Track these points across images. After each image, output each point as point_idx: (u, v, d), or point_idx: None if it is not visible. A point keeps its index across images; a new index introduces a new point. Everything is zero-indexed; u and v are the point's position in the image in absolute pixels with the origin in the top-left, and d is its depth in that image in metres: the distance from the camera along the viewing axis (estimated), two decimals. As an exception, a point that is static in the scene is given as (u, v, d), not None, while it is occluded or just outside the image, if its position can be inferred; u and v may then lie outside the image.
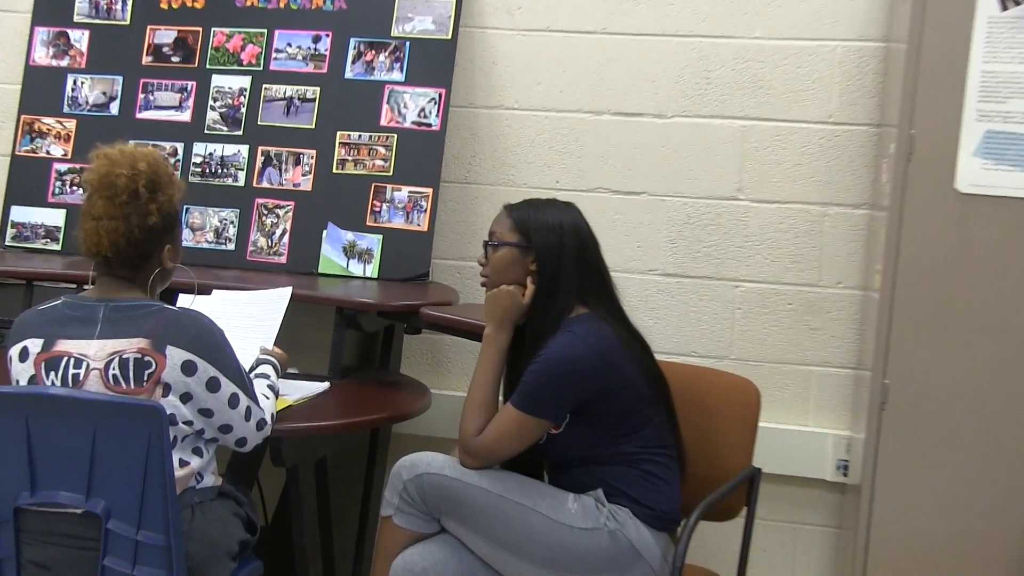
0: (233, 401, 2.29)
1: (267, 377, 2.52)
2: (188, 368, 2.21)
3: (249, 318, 2.79)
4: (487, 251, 2.57)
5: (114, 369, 2.19)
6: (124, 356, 2.19)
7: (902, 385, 2.72)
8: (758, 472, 2.69)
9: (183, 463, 2.26)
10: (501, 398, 2.53)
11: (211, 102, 3.49)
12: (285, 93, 3.45)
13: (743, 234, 3.32)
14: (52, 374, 2.21)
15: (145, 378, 2.19)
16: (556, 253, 2.48)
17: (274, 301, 2.82)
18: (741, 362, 3.34)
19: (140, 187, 2.26)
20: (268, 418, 2.39)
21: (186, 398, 2.22)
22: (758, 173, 3.31)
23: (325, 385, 2.86)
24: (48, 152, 3.55)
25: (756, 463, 2.70)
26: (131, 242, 2.26)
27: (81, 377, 2.20)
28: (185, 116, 3.50)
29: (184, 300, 2.76)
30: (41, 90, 3.59)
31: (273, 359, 2.62)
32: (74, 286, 3.01)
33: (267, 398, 2.44)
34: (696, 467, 2.63)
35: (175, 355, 2.20)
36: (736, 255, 3.34)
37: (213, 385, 2.24)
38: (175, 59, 3.53)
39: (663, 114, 3.36)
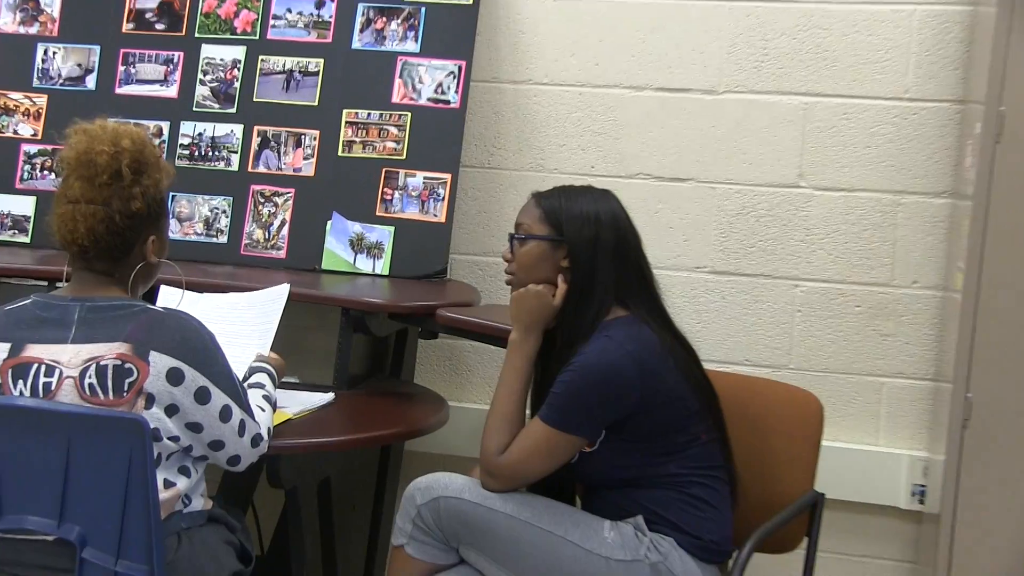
0: (225, 414, 2.28)
1: (262, 387, 2.52)
2: (174, 376, 2.21)
3: (241, 322, 2.79)
4: (513, 245, 2.56)
5: (90, 377, 2.19)
6: (102, 363, 2.19)
7: (987, 399, 2.69)
8: (821, 498, 2.68)
9: (168, 484, 2.26)
10: (528, 412, 2.52)
11: (200, 75, 3.49)
12: (284, 65, 3.45)
13: (804, 226, 3.31)
14: (20, 383, 2.21)
15: (125, 388, 2.19)
16: (591, 248, 2.48)
17: (270, 301, 2.82)
18: (801, 372, 3.33)
19: (123, 167, 2.25)
20: (264, 433, 2.39)
21: (172, 410, 2.22)
22: (822, 157, 3.29)
23: (329, 396, 2.86)
24: (16, 132, 3.57)
25: (819, 487, 2.69)
26: (111, 229, 2.25)
27: (53, 386, 2.20)
28: (171, 91, 3.51)
29: (166, 297, 2.76)
30: (7, 61, 3.60)
31: (269, 366, 2.61)
32: (45, 283, 3.02)
33: (263, 410, 2.44)
34: (750, 491, 2.61)
35: (159, 362, 2.20)
36: (796, 250, 3.32)
37: (202, 396, 2.24)
38: (159, 26, 3.54)
39: (713, 90, 3.35)
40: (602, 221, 2.50)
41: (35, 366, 2.21)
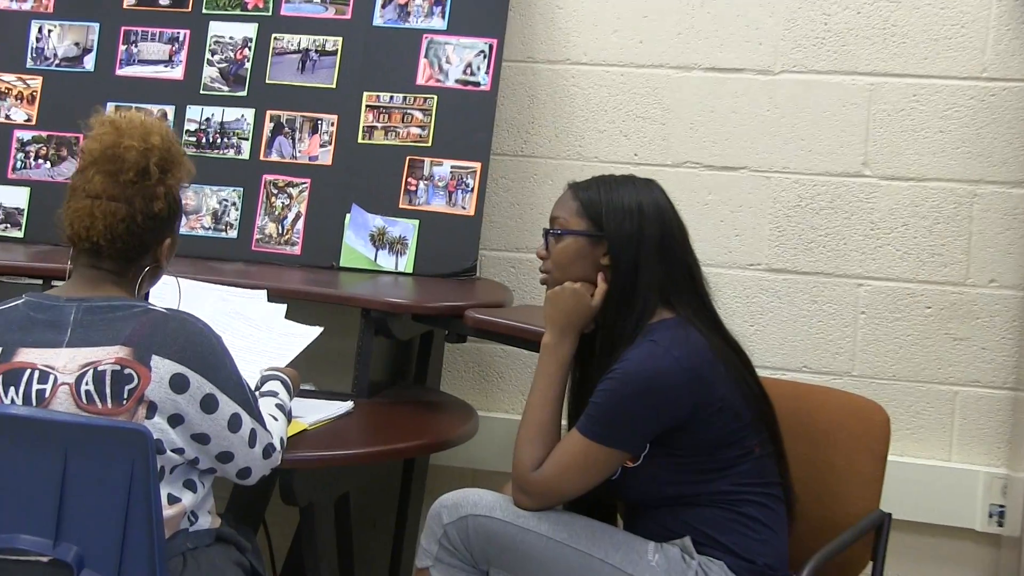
0: (234, 423, 2.29)
1: (275, 395, 2.53)
2: (178, 383, 2.21)
3: (253, 339, 2.80)
4: (548, 241, 2.56)
5: (87, 384, 2.20)
6: (99, 368, 2.20)
7: (1072, 410, 2.67)
8: (887, 518, 2.66)
9: (172, 500, 2.27)
10: (565, 422, 2.52)
11: (208, 55, 3.51)
12: (299, 44, 3.46)
13: (869, 220, 3.30)
14: (12, 390, 2.22)
15: (125, 395, 2.19)
16: (634, 244, 2.47)
17: (294, 335, 2.83)
18: (865, 380, 3.32)
19: (151, 164, 2.27)
20: (277, 443, 2.40)
21: (176, 420, 2.23)
22: (889, 143, 3.28)
23: (348, 405, 2.86)
24: (8, 117, 3.59)
25: (885, 507, 2.67)
26: (131, 230, 2.26)
27: (47, 394, 2.21)
28: (176, 73, 3.52)
29: (167, 293, 2.76)
30: None
31: (283, 375, 2.62)
32: (40, 282, 3.04)
33: (275, 420, 2.45)
34: (808, 510, 2.60)
35: (162, 367, 2.20)
36: (860, 246, 3.31)
37: (209, 404, 2.25)
38: (164, 2, 3.56)
39: (769, 69, 3.34)
40: (646, 214, 2.49)
41: (28, 372, 2.22)
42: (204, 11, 3.52)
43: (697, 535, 2.42)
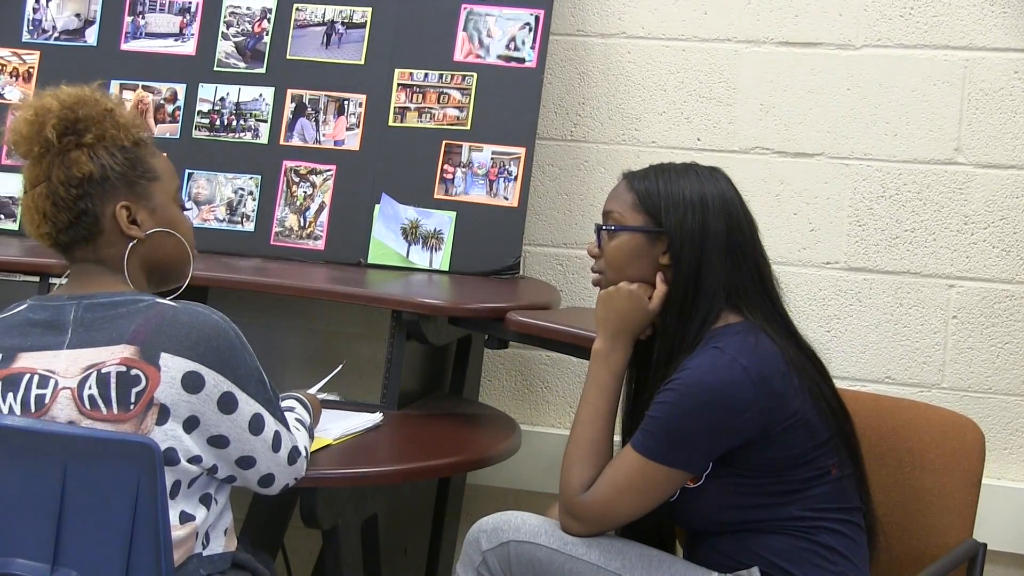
0: (256, 424, 2.29)
1: (292, 410, 2.54)
2: (192, 382, 2.22)
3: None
4: (600, 237, 2.56)
5: (90, 388, 2.21)
6: (103, 370, 2.21)
7: None
8: (982, 549, 2.64)
9: (185, 518, 2.27)
10: (618, 439, 2.52)
11: (223, 28, 3.53)
12: (324, 16, 3.48)
13: (962, 213, 3.29)
14: (11, 396, 2.24)
15: (132, 399, 2.20)
16: (697, 241, 2.47)
17: (349, 418, 2.84)
18: (957, 393, 3.31)
19: (48, 129, 2.29)
20: (303, 449, 2.41)
21: (191, 424, 2.23)
22: (985, 126, 3.27)
23: (377, 417, 2.87)
24: (2, 96, 3.62)
25: (979, 536, 2.66)
26: (58, 204, 2.29)
27: (47, 399, 2.23)
28: (188, 47, 3.54)
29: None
30: (-6, 12, 3.67)
31: (300, 395, 2.64)
32: (37, 279, 3.06)
33: (298, 430, 2.46)
34: (893, 539, 2.60)
35: (173, 365, 2.21)
36: (952, 242, 3.30)
37: (228, 403, 2.25)
38: (175, -31, 3.59)
39: (850, 43, 3.33)
40: (710, 207, 2.48)
41: (27, 377, 2.24)
42: (219, -22, 3.55)
43: (767, 565, 2.41)
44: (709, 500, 2.43)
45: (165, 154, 2.44)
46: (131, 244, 2.34)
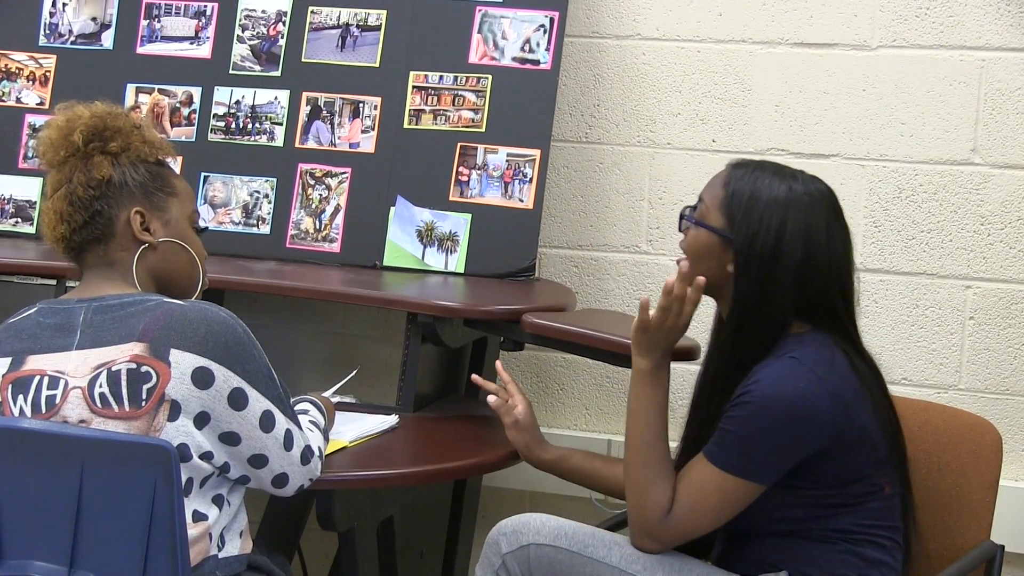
0: (267, 421, 2.30)
1: (306, 413, 2.55)
2: (202, 378, 2.23)
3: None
4: (683, 223, 2.52)
5: (101, 386, 2.22)
6: (113, 368, 2.23)
7: None
8: (1000, 551, 2.64)
9: (198, 517, 2.27)
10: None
11: (238, 31, 3.53)
12: (339, 18, 3.48)
13: (979, 213, 3.28)
14: (21, 398, 2.25)
15: (144, 395, 2.21)
16: (764, 263, 2.39)
17: (364, 421, 2.84)
18: (974, 395, 3.30)
19: (76, 133, 2.36)
20: (316, 450, 2.41)
21: (202, 420, 2.24)
22: (1002, 127, 3.26)
23: (393, 419, 2.87)
24: (19, 100, 3.63)
25: (996, 538, 2.66)
26: (75, 204, 2.35)
27: (58, 399, 2.24)
28: (203, 51, 3.55)
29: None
30: (9, 15, 3.67)
31: (314, 397, 2.64)
32: (54, 282, 3.07)
33: (311, 431, 2.46)
34: (909, 541, 2.57)
35: (183, 361, 2.22)
36: (968, 243, 3.29)
37: (238, 399, 2.26)
38: (190, -27, 3.59)
39: (865, 44, 3.32)
40: (787, 234, 2.39)
41: (37, 379, 2.25)
42: (234, -18, 3.55)
43: (801, 572, 2.40)
44: (763, 506, 2.40)
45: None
46: (141, 248, 2.36)
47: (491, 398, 2.76)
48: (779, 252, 2.38)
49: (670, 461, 2.44)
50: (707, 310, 2.55)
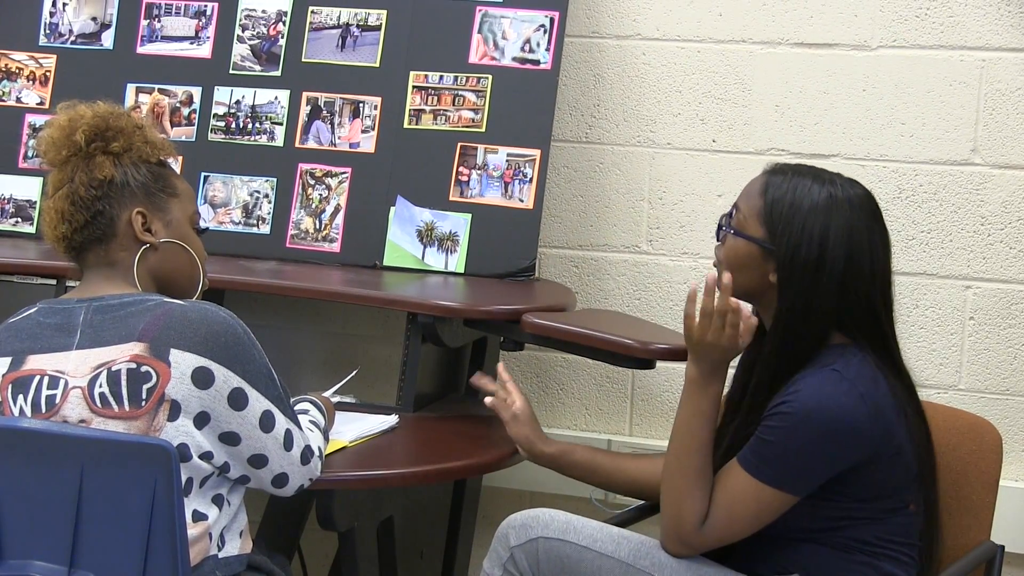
0: (267, 421, 2.30)
1: (306, 412, 2.55)
2: (201, 377, 2.23)
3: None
4: (720, 233, 2.49)
5: (101, 386, 2.23)
6: (113, 368, 2.23)
7: None
8: (1000, 551, 2.64)
9: (198, 517, 2.28)
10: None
11: (238, 31, 3.53)
12: (339, 18, 3.48)
13: (979, 213, 3.28)
14: (21, 398, 2.26)
15: (144, 395, 2.21)
16: (809, 273, 2.37)
17: (364, 420, 2.85)
18: (974, 395, 3.30)
19: (78, 133, 2.36)
20: (316, 450, 2.41)
21: (202, 420, 2.25)
22: (1002, 127, 3.26)
23: (393, 419, 2.87)
24: (19, 99, 3.63)
25: (996, 538, 2.66)
26: (77, 203, 2.35)
27: (57, 399, 2.24)
28: (203, 51, 3.55)
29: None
30: (8, 15, 3.67)
31: (314, 397, 2.64)
32: (54, 282, 3.07)
33: (311, 431, 2.46)
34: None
35: (183, 361, 2.23)
36: (968, 243, 3.29)
37: (238, 399, 2.27)
38: (191, -27, 3.59)
39: (866, 44, 3.32)
40: (831, 241, 2.36)
41: (37, 379, 2.26)
42: (234, -18, 3.55)
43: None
44: (790, 514, 2.38)
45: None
46: (142, 248, 2.37)
47: (488, 399, 2.76)
48: (823, 261, 2.36)
49: (710, 471, 2.40)
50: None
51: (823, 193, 2.40)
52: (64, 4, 3.63)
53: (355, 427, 2.77)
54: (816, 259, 2.36)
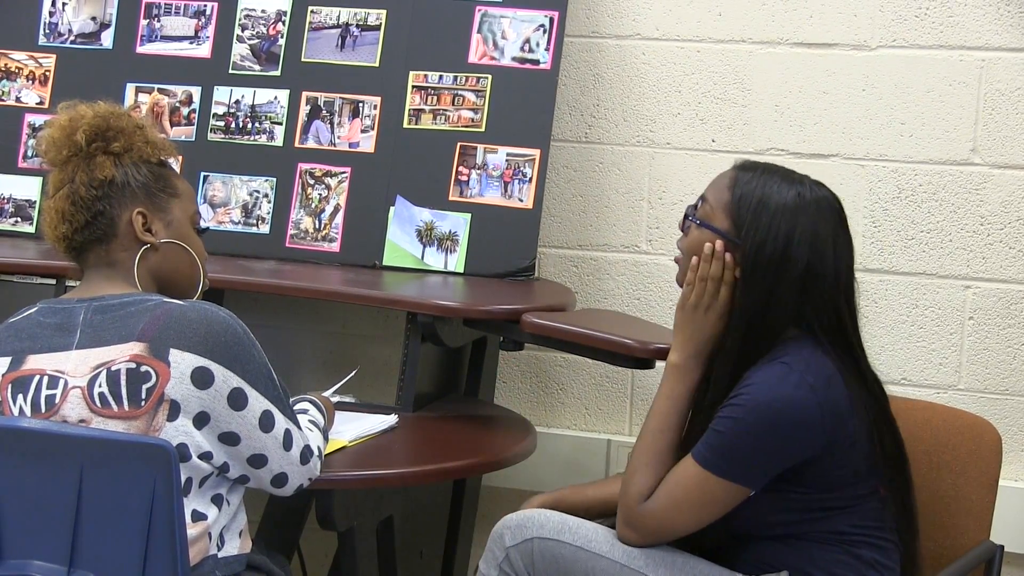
0: (266, 421, 2.30)
1: (305, 412, 2.55)
2: (201, 377, 2.23)
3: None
4: (685, 223, 2.51)
5: (100, 386, 2.23)
6: (113, 368, 2.23)
7: None
8: (999, 551, 2.64)
9: (197, 516, 2.28)
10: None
11: (238, 30, 3.53)
12: (339, 18, 3.48)
13: (978, 213, 3.28)
14: (21, 397, 2.26)
15: (143, 395, 2.22)
16: (771, 270, 2.39)
17: (364, 420, 2.85)
18: (974, 395, 3.30)
19: (79, 133, 2.36)
20: (315, 448, 2.41)
21: (202, 420, 2.25)
22: (1002, 127, 3.26)
23: (392, 419, 2.87)
24: (19, 99, 3.63)
25: (996, 538, 2.65)
26: (77, 203, 2.35)
27: (57, 399, 2.24)
28: (203, 50, 3.55)
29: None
30: (8, 14, 3.67)
31: (314, 397, 2.65)
32: (53, 281, 3.07)
33: (311, 431, 2.47)
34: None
35: (182, 361, 2.23)
36: (968, 243, 3.29)
37: (237, 399, 2.27)
38: (190, -28, 3.59)
39: (865, 44, 3.32)
40: (795, 240, 2.38)
41: (36, 378, 2.26)
42: (234, -19, 3.55)
43: (802, 572, 2.40)
44: (758, 509, 2.40)
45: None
46: (143, 249, 2.37)
47: None
48: (786, 259, 2.37)
49: (670, 456, 2.43)
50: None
51: (791, 193, 2.42)
52: (64, 4, 3.63)
53: (355, 427, 2.77)
54: (780, 257, 2.37)
